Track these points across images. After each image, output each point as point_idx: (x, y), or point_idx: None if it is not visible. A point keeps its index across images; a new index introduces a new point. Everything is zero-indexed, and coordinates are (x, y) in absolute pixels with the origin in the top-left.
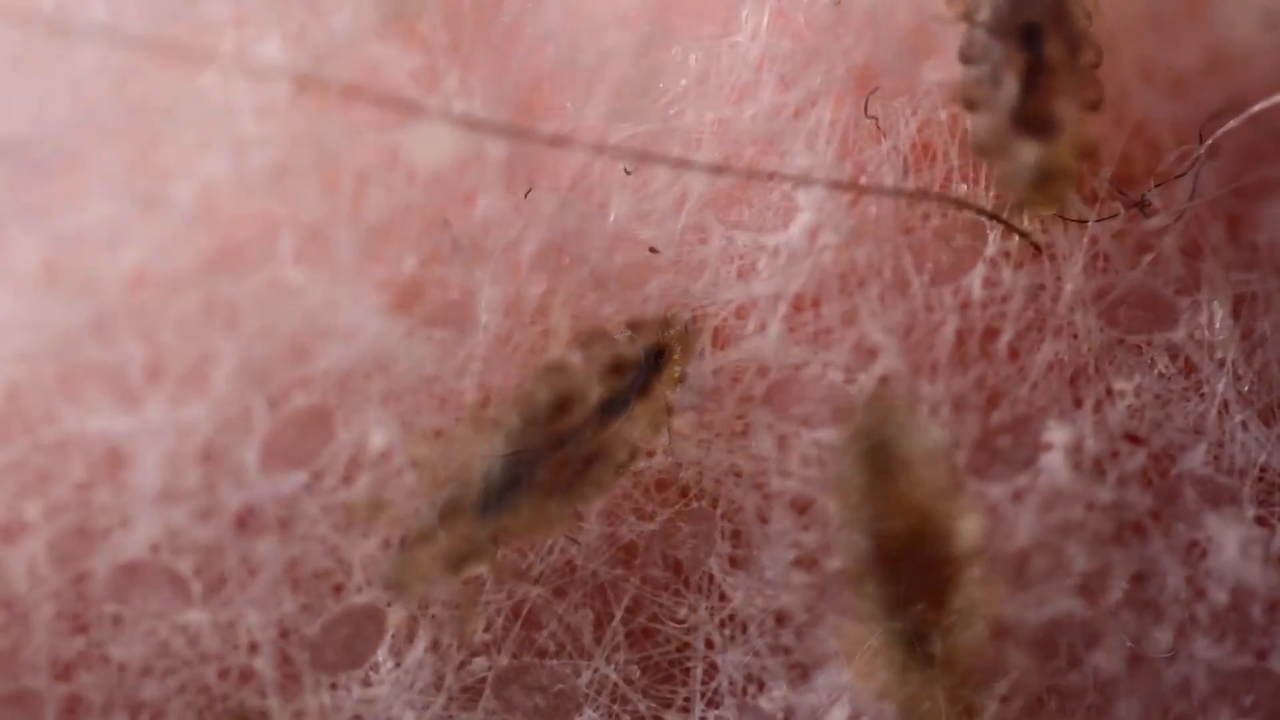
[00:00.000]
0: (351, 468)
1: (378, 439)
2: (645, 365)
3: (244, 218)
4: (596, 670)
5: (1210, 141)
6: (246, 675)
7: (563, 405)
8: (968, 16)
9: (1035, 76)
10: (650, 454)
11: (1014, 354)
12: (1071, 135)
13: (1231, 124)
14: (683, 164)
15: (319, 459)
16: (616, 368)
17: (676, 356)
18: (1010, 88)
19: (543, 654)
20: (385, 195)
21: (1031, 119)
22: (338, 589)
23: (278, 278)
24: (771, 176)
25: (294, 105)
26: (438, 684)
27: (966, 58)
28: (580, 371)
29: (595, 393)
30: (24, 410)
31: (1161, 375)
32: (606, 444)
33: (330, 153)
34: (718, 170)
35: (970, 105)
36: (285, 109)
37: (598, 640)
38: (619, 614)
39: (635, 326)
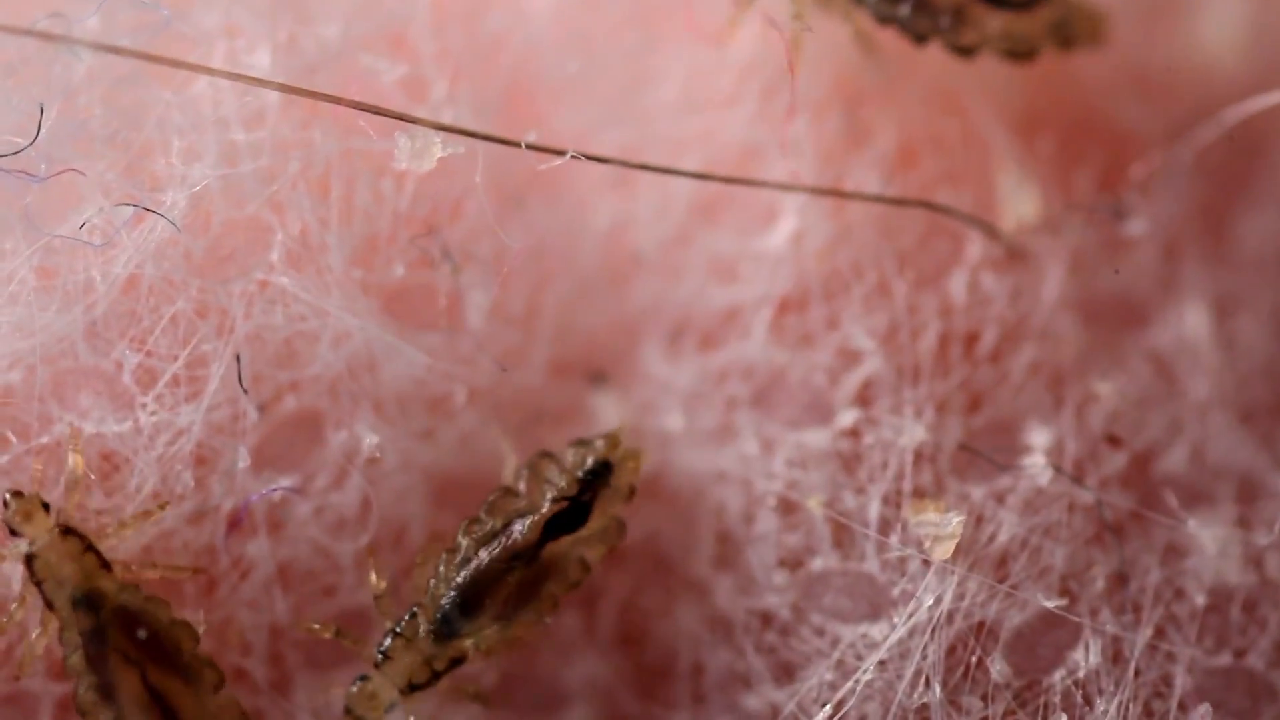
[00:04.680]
0: (341, 471)
1: (368, 442)
2: (591, 483)
3: (235, 225)
4: (586, 668)
5: (1187, 148)
6: (240, 675)
7: (512, 527)
8: None
9: None
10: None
11: (996, 357)
12: None
13: (1208, 132)
14: (668, 171)
15: (310, 462)
16: (564, 486)
17: (623, 472)
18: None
19: (533, 653)
20: (374, 202)
21: None
22: (329, 590)
23: (268, 283)
24: (756, 183)
25: (284, 114)
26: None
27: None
28: (528, 493)
29: (544, 512)
30: (18, 414)
31: (1141, 378)
32: (558, 561)
33: (319, 160)
34: (702, 177)
35: (919, 37)
36: (275, 118)
37: (587, 639)
38: (608, 614)
39: (580, 444)
